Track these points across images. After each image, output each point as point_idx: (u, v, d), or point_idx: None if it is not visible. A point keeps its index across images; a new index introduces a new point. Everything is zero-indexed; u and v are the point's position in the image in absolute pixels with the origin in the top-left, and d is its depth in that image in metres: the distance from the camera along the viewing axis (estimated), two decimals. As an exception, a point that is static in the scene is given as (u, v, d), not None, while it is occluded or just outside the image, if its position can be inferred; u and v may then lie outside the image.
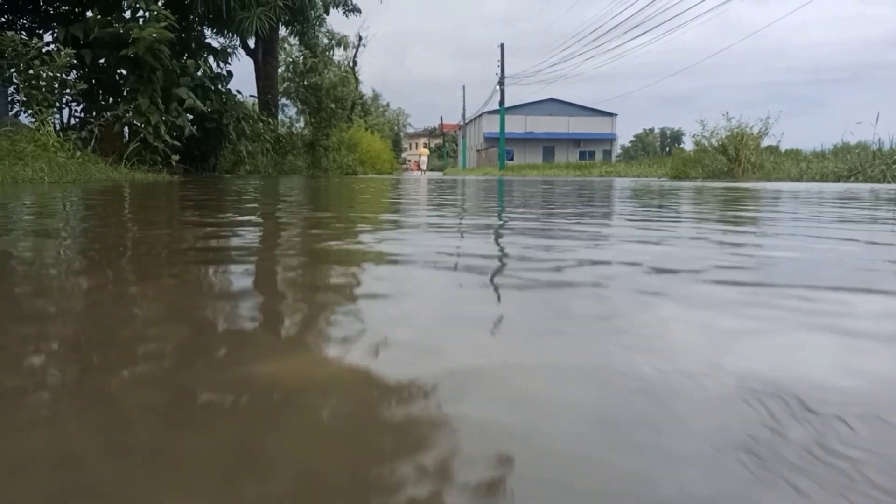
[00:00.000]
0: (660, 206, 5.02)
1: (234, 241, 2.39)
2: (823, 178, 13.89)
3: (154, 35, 12.59)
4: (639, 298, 1.36)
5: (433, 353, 0.96)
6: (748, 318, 1.20)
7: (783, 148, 18.84)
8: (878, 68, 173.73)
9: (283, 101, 30.20)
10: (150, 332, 1.09)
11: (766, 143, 17.52)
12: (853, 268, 1.93)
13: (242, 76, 43.71)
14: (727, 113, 17.27)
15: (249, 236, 2.63)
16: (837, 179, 13.47)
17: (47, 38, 14.76)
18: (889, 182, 12.22)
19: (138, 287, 1.55)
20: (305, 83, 27.06)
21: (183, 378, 0.84)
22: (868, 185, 10.84)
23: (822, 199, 5.87)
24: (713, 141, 17.50)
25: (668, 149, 75.66)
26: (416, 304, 1.34)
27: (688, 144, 24.27)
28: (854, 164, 13.96)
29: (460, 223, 3.26)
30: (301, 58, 27.64)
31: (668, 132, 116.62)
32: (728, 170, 16.55)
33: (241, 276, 1.70)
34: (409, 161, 75.65)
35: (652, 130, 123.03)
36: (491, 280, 1.59)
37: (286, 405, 0.74)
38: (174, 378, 0.84)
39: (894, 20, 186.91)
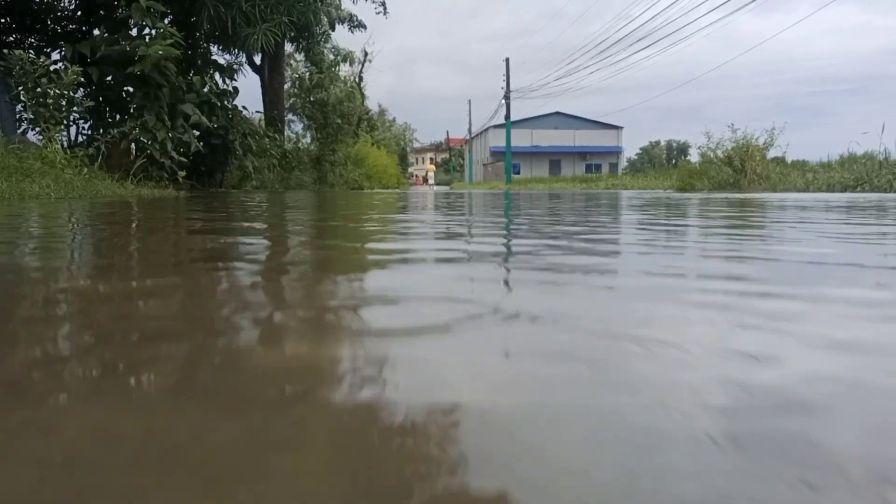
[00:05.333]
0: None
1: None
2: (830, 189, 13.85)
3: (160, 52, 12.68)
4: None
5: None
6: None
7: (789, 159, 18.80)
8: (884, 79, 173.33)
9: (290, 116, 30.41)
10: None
11: (771, 153, 17.48)
12: None
13: (249, 92, 44.04)
14: (732, 124, 17.27)
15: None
16: (844, 189, 13.43)
17: (55, 56, 14.92)
18: (896, 192, 12.18)
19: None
20: (311, 99, 27.23)
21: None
22: (877, 195, 10.78)
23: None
24: (719, 153, 17.48)
25: (674, 161, 75.60)
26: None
27: (694, 156, 24.22)
28: (860, 174, 13.92)
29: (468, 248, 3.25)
30: (307, 73, 27.82)
31: (675, 144, 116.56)
32: (734, 181, 16.51)
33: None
34: (415, 176, 75.94)
35: (658, 143, 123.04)
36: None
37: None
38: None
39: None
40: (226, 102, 17.71)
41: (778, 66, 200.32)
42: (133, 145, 13.24)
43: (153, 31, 13.47)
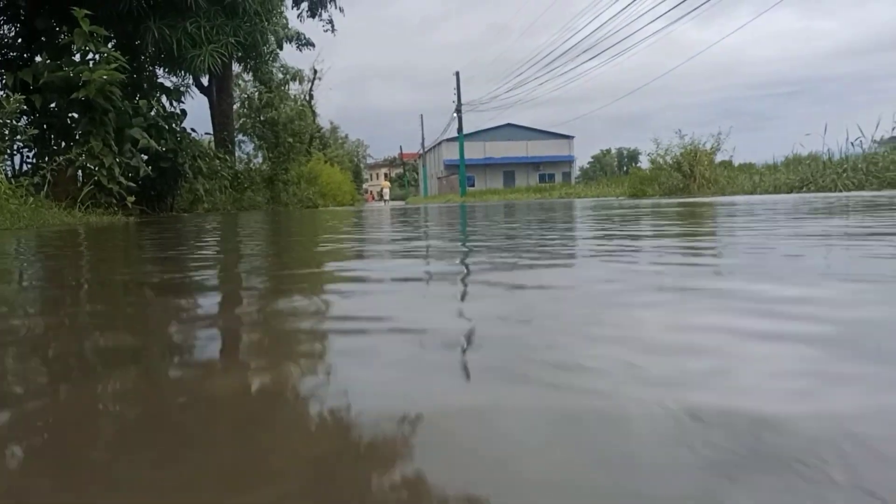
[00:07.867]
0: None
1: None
2: (776, 190, 14.17)
3: (105, 77, 12.45)
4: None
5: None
6: None
7: (736, 162, 19.26)
8: (825, 81, 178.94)
9: (240, 137, 30.09)
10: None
11: (719, 158, 17.89)
12: None
13: (197, 114, 43.67)
14: (680, 131, 17.66)
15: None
16: (790, 190, 13.76)
17: (-5, 84, 14.54)
18: (840, 191, 12.51)
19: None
20: (262, 118, 27.10)
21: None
22: (822, 195, 11.06)
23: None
24: (668, 159, 17.81)
25: (625, 168, 76.84)
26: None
27: (644, 163, 24.66)
28: (805, 174, 14.27)
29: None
30: (256, 93, 27.67)
31: (625, 152, 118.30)
32: (683, 186, 16.82)
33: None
34: (369, 192, 76.02)
35: (609, 151, 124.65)
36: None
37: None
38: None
39: (839, 34, 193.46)
40: (174, 125, 17.45)
41: (722, 72, 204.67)
42: (80, 172, 12.94)
43: (97, 56, 13.23)
